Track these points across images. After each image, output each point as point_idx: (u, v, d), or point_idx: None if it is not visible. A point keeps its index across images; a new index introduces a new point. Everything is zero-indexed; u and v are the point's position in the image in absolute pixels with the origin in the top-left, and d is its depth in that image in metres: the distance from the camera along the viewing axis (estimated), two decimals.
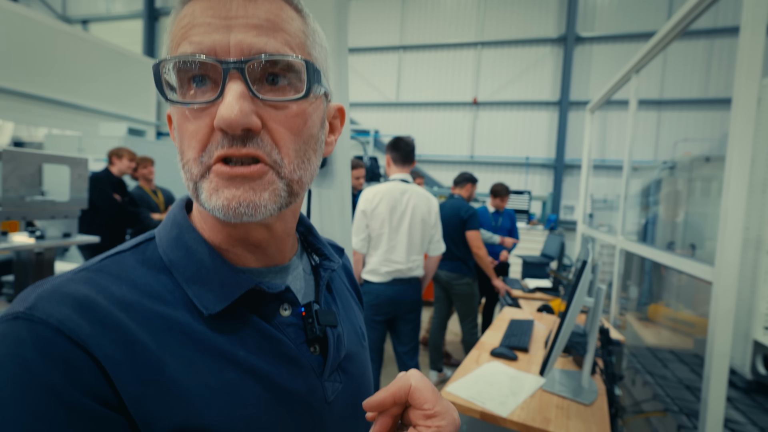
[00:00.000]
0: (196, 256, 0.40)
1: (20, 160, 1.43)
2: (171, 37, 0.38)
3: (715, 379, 1.35)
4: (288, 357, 0.42)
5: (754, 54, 1.22)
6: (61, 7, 11.30)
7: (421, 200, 2.27)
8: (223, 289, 0.39)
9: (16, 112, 6.96)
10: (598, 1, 7.71)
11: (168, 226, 0.43)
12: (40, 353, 0.30)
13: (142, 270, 0.39)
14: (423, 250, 2.33)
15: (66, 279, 0.35)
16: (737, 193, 1.29)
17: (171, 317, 0.37)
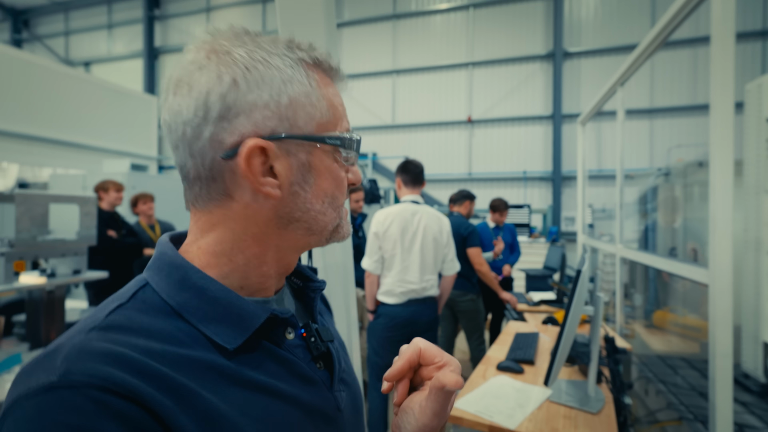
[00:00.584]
0: (208, 294, 0.41)
1: (32, 202, 1.49)
2: (336, 104, 0.45)
3: (720, 380, 1.36)
4: (303, 376, 0.45)
5: (725, 63, 1.28)
6: (63, 51, 11.69)
7: (432, 220, 2.32)
8: (242, 321, 0.41)
9: (21, 153, 7.12)
10: (582, 17, 7.95)
11: (165, 269, 0.42)
12: (96, 416, 0.29)
13: (150, 318, 0.38)
14: (437, 269, 2.36)
15: (82, 339, 0.34)
16: (723, 196, 1.33)
17: (196, 357, 0.38)
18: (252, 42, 0.42)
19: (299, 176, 0.42)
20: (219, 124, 0.39)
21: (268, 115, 0.40)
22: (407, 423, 0.44)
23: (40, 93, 7.22)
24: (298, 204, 0.43)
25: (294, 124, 0.42)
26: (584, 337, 1.94)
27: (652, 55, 2.17)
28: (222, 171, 0.40)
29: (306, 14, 0.87)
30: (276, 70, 0.41)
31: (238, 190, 0.41)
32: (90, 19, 11.46)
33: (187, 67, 0.40)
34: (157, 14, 10.73)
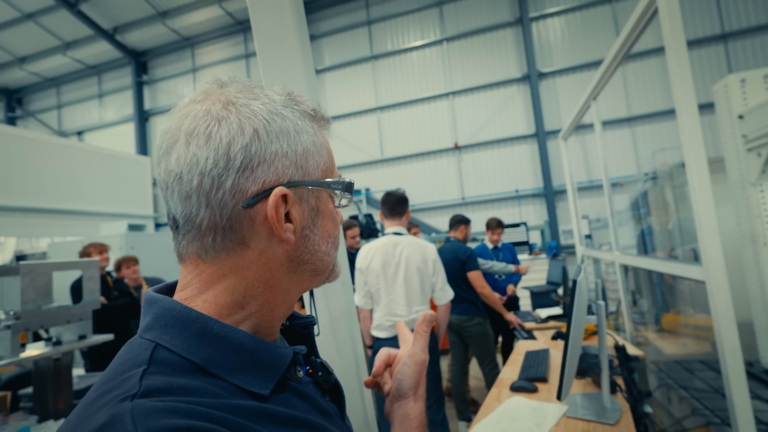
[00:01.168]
0: (234, 343, 0.40)
1: (36, 272, 1.52)
2: (330, 151, 0.49)
3: (733, 376, 1.35)
4: (322, 410, 0.46)
5: (683, 70, 1.37)
6: (56, 123, 12.02)
7: (414, 250, 2.30)
8: (271, 365, 0.42)
9: (18, 226, 7.18)
10: (551, 39, 8.33)
11: (177, 325, 0.40)
12: None
13: (181, 378, 0.37)
14: (426, 299, 2.33)
15: (135, 404, 0.32)
16: (703, 193, 1.38)
17: (241, 405, 0.37)
18: (264, 95, 0.44)
19: (309, 220, 0.45)
20: (242, 174, 0.40)
21: (287, 164, 0.42)
22: (406, 369, 0.56)
23: (34, 166, 7.37)
24: (308, 247, 0.45)
25: (306, 172, 0.44)
26: (595, 349, 1.93)
27: (620, 68, 2.29)
28: (241, 219, 0.41)
29: (287, 66, 0.95)
30: (290, 122, 0.43)
31: (255, 238, 0.42)
32: (81, 90, 11.86)
33: (201, 118, 0.41)
34: (146, 79, 11.13)
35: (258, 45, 0.94)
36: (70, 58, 10.94)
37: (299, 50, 0.93)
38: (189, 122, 0.41)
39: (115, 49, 10.55)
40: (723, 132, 2.42)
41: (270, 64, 0.94)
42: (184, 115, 0.42)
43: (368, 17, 9.42)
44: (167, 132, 0.42)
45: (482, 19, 8.70)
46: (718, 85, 2.47)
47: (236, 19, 10.16)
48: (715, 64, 7.32)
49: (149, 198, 9.85)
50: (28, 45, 10.61)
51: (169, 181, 0.41)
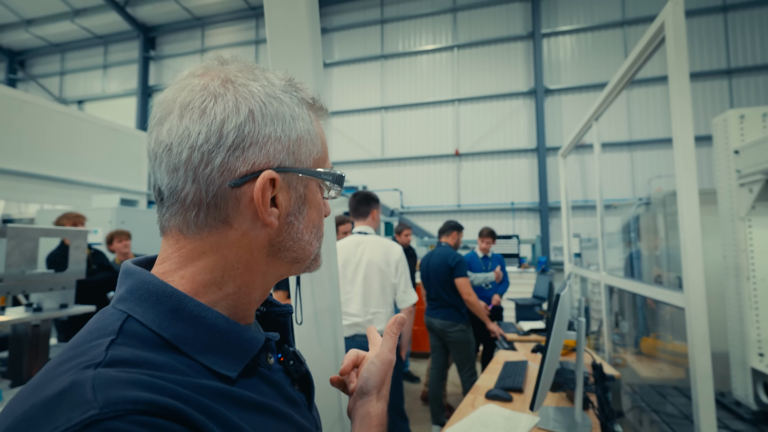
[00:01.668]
0: (207, 322, 0.40)
1: (23, 236, 1.51)
2: (325, 142, 0.49)
3: (703, 403, 1.38)
4: (290, 398, 0.46)
5: (683, 101, 1.39)
6: (58, 90, 11.88)
7: (377, 249, 2.24)
8: (241, 348, 0.41)
9: (7, 190, 7.08)
10: (561, 57, 8.39)
11: (151, 299, 0.39)
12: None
13: (148, 352, 0.36)
14: (387, 302, 2.23)
15: (97, 373, 0.32)
16: (691, 224, 1.40)
17: (206, 384, 0.37)
18: (264, 77, 0.43)
19: (296, 207, 0.45)
20: (232, 153, 0.40)
21: (279, 148, 0.42)
22: (372, 367, 0.57)
23: (31, 130, 7.28)
24: (291, 234, 0.45)
25: (298, 159, 0.44)
26: (572, 364, 1.96)
27: (624, 92, 2.33)
28: (226, 198, 0.40)
29: (296, 56, 0.96)
30: (287, 107, 0.43)
31: (238, 218, 0.41)
32: (86, 59, 11.74)
33: (197, 92, 0.40)
34: (153, 55, 11.05)
35: (269, 32, 0.95)
36: (77, 25, 10.82)
37: (309, 41, 0.94)
38: (185, 95, 0.40)
39: (125, 21, 10.45)
40: (718, 165, 2.46)
41: (279, 52, 0.95)
42: (181, 87, 0.41)
43: (382, 16, 9.43)
44: (162, 102, 0.42)
45: (495, 30, 8.75)
46: (717, 119, 2.51)
47: (250, 4, 10.12)
48: (717, 98, 7.42)
49: (144, 174, 9.78)
50: (36, 8, 10.48)
51: (159, 151, 0.40)
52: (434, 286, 3.21)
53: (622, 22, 8.01)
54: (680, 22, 1.43)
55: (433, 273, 3.22)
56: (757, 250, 2.15)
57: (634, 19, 7.94)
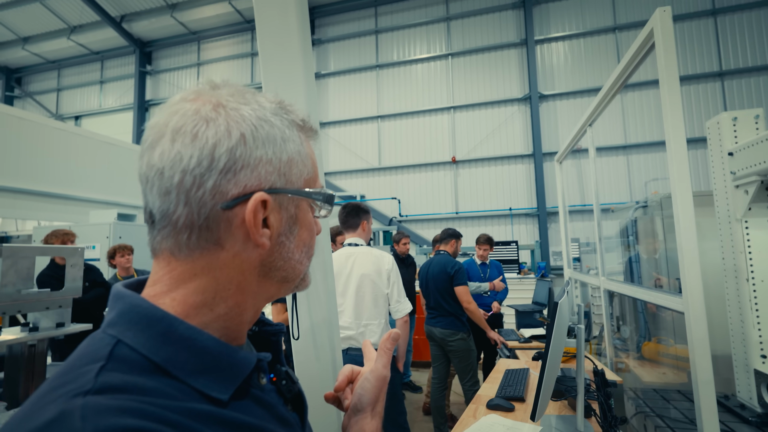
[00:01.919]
0: (198, 345, 0.40)
1: (19, 255, 1.50)
2: (315, 162, 0.50)
3: (705, 406, 1.37)
4: (282, 419, 0.46)
5: (674, 104, 1.40)
6: (54, 106, 11.93)
7: (368, 260, 2.21)
8: (232, 369, 0.41)
9: (5, 207, 7.06)
10: (554, 63, 8.48)
11: (141, 323, 0.39)
12: None
13: (138, 378, 0.36)
14: (380, 313, 2.20)
15: (88, 401, 0.32)
16: (687, 226, 1.41)
17: (196, 408, 0.37)
18: (254, 101, 0.45)
19: (287, 228, 0.45)
20: (224, 176, 0.40)
21: (270, 170, 0.43)
22: (367, 383, 0.57)
23: (28, 147, 7.29)
24: (282, 254, 0.45)
25: (289, 180, 0.45)
26: (573, 372, 1.94)
27: (618, 96, 2.34)
28: (218, 220, 0.41)
29: (287, 69, 0.96)
30: (278, 130, 0.44)
31: (230, 240, 0.42)
32: (82, 75, 11.81)
33: (189, 117, 0.41)
34: (149, 69, 11.12)
35: (260, 44, 0.95)
36: (74, 42, 10.91)
37: (300, 53, 0.95)
38: (177, 119, 0.41)
39: (121, 37, 10.54)
40: (713, 167, 2.47)
41: (271, 63, 0.95)
42: (173, 112, 0.42)
43: (376, 26, 9.53)
44: (154, 127, 0.42)
45: (488, 38, 8.84)
46: (710, 121, 2.53)
47: (245, 18, 10.22)
48: (710, 101, 7.49)
49: None
50: (33, 25, 10.58)
51: (150, 175, 0.41)
52: (434, 294, 3.19)
53: (614, 28, 8.11)
54: (668, 29, 1.45)
55: (432, 281, 3.21)
56: (755, 251, 2.15)
57: (625, 25, 8.04)
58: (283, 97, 0.51)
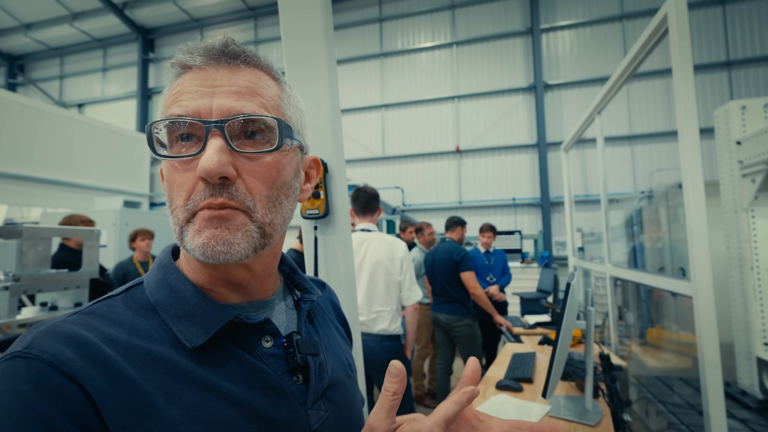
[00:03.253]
0: (180, 293, 0.43)
1: (38, 236, 1.53)
2: (164, 103, 0.44)
3: (712, 390, 1.40)
4: (270, 386, 0.43)
5: (687, 92, 1.41)
6: (57, 93, 11.90)
7: (381, 247, 2.19)
8: (206, 322, 0.42)
9: (10, 194, 7.11)
10: (560, 52, 8.40)
11: (154, 270, 0.46)
12: (35, 386, 0.32)
13: (130, 312, 0.41)
14: (391, 300, 2.18)
15: (60, 320, 0.38)
16: (697, 211, 1.42)
17: (156, 353, 0.39)
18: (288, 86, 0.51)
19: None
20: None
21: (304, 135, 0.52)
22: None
23: (32, 134, 7.30)
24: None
25: (306, 144, 0.52)
26: (579, 355, 1.98)
27: (625, 86, 2.34)
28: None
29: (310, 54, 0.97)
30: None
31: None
32: (85, 63, 11.75)
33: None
34: (152, 57, 11.07)
35: (283, 27, 0.96)
36: (76, 28, 10.83)
37: (323, 36, 0.96)
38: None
39: (124, 24, 10.46)
40: (720, 156, 2.47)
41: (294, 49, 0.97)
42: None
43: (380, 14, 9.44)
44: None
45: (493, 26, 8.76)
46: (719, 110, 2.53)
47: (248, 5, 10.13)
48: (717, 90, 7.44)
49: (146, 176, 9.79)
50: (35, 12, 10.49)
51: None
52: (439, 281, 3.23)
53: (620, 16, 8.02)
54: (683, 14, 1.45)
55: (438, 268, 3.24)
56: (760, 240, 2.17)
57: (632, 13, 7.95)
58: (305, 81, 0.55)
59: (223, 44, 0.44)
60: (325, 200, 0.98)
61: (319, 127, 0.97)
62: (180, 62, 0.44)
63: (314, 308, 0.58)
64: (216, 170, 0.39)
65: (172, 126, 0.41)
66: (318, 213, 0.98)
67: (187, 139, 0.42)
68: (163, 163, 0.44)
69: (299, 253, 2.78)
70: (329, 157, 0.99)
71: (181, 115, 0.41)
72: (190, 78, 0.43)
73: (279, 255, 0.51)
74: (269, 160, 0.43)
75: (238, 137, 0.42)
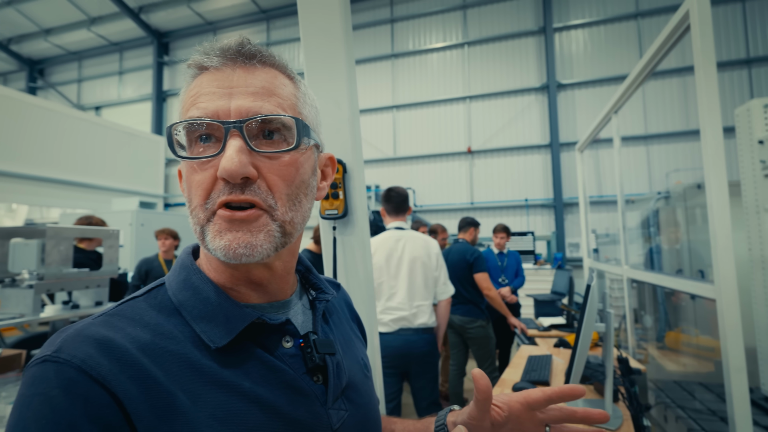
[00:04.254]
0: (203, 294, 0.43)
1: (61, 236, 1.56)
2: (182, 105, 0.45)
3: (737, 395, 1.36)
4: (291, 386, 0.44)
5: (710, 91, 1.38)
6: (76, 96, 12.16)
7: (418, 244, 2.26)
8: (228, 323, 0.42)
9: (31, 195, 7.28)
10: (573, 51, 8.31)
11: (176, 271, 0.47)
12: (64, 392, 0.33)
13: (154, 312, 0.42)
14: (429, 294, 2.27)
15: (87, 323, 0.39)
16: (721, 211, 1.39)
17: (181, 354, 0.39)
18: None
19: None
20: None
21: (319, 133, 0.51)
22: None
23: (51, 136, 7.48)
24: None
25: (322, 143, 0.52)
26: (597, 358, 1.95)
27: (643, 84, 2.30)
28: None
29: (329, 55, 0.98)
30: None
31: None
32: (102, 66, 11.98)
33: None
34: (166, 60, 11.23)
35: (302, 28, 0.97)
36: (94, 33, 11.05)
37: (342, 37, 0.96)
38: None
39: (139, 28, 10.64)
40: (741, 156, 2.42)
41: (313, 50, 0.97)
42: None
43: (392, 15, 9.44)
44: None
45: (505, 26, 8.70)
46: (740, 109, 2.47)
47: (260, 7, 10.22)
48: (737, 88, 7.27)
49: (161, 177, 9.94)
50: (55, 17, 10.74)
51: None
52: (453, 282, 3.21)
53: (636, 14, 7.89)
54: (705, 10, 1.41)
55: (451, 269, 3.22)
56: None
57: (648, 11, 7.82)
58: (324, 81, 0.56)
59: (239, 44, 0.45)
60: (344, 200, 0.98)
61: (338, 128, 0.97)
62: (196, 63, 0.45)
63: (329, 308, 0.58)
64: (237, 171, 0.39)
65: (191, 127, 0.42)
66: (337, 213, 0.98)
67: (206, 139, 0.42)
68: (182, 164, 0.44)
69: (314, 254, 2.79)
70: (348, 158, 0.99)
71: (200, 117, 0.41)
72: (207, 79, 0.44)
73: (297, 254, 0.52)
74: (287, 159, 0.44)
75: (257, 137, 0.42)
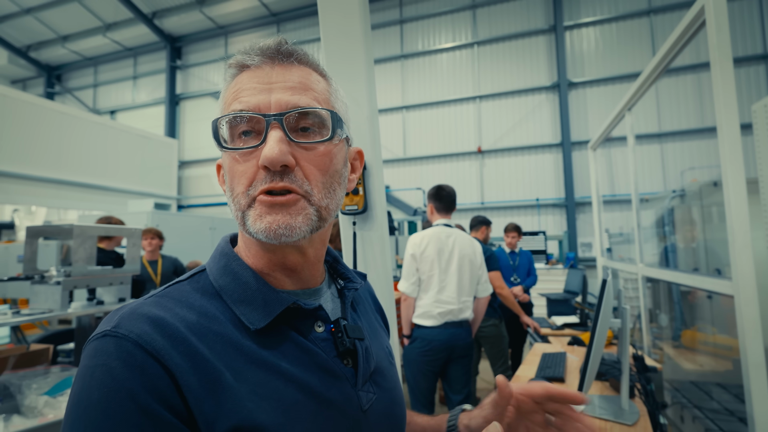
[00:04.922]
0: (242, 279, 0.47)
1: (86, 234, 1.62)
2: (224, 101, 0.48)
3: (756, 392, 1.36)
4: (324, 368, 0.47)
5: (727, 86, 1.37)
6: (92, 101, 12.42)
7: (466, 242, 2.36)
8: (266, 306, 0.45)
9: (50, 197, 7.46)
10: (584, 49, 8.24)
11: (216, 257, 0.50)
12: (123, 363, 0.36)
13: (197, 295, 0.45)
14: (472, 291, 2.36)
15: (140, 302, 0.42)
16: (739, 207, 1.39)
17: (224, 334, 0.43)
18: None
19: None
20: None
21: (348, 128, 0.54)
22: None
23: (69, 140, 7.65)
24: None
25: (351, 137, 0.55)
26: (611, 355, 1.94)
27: (657, 81, 2.28)
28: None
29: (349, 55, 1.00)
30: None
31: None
32: (117, 71, 12.23)
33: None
34: (179, 64, 11.41)
35: (323, 29, 1.00)
36: (109, 39, 11.29)
37: (362, 40, 0.99)
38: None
39: (153, 33, 10.84)
40: (759, 153, 2.38)
41: (334, 50, 1.00)
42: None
43: (401, 16, 9.47)
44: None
45: (515, 25, 8.66)
46: (757, 105, 2.44)
47: (271, 11, 10.33)
48: (754, 84, 7.14)
49: (174, 179, 10.11)
50: (72, 24, 11.00)
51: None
52: None
53: (648, 11, 7.80)
54: (721, 5, 1.41)
55: None
56: None
57: (661, 7, 7.72)
58: (344, 81, 0.58)
59: (277, 44, 0.48)
60: (364, 197, 1.01)
61: (358, 126, 1.00)
62: (237, 62, 0.48)
63: (356, 297, 0.61)
64: (278, 159, 0.42)
65: (233, 121, 0.45)
66: (357, 209, 1.01)
67: (246, 134, 0.45)
68: (224, 157, 0.48)
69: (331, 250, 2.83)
70: (368, 156, 1.02)
71: (243, 110, 0.44)
72: (247, 76, 0.47)
73: (327, 243, 0.55)
74: (323, 150, 0.47)
75: (295, 129, 0.45)
